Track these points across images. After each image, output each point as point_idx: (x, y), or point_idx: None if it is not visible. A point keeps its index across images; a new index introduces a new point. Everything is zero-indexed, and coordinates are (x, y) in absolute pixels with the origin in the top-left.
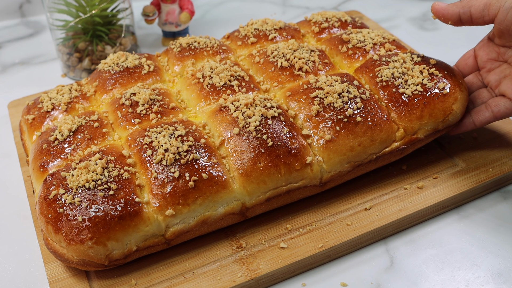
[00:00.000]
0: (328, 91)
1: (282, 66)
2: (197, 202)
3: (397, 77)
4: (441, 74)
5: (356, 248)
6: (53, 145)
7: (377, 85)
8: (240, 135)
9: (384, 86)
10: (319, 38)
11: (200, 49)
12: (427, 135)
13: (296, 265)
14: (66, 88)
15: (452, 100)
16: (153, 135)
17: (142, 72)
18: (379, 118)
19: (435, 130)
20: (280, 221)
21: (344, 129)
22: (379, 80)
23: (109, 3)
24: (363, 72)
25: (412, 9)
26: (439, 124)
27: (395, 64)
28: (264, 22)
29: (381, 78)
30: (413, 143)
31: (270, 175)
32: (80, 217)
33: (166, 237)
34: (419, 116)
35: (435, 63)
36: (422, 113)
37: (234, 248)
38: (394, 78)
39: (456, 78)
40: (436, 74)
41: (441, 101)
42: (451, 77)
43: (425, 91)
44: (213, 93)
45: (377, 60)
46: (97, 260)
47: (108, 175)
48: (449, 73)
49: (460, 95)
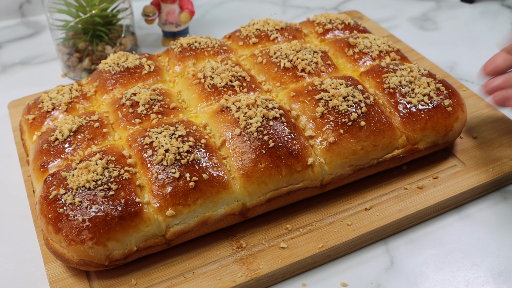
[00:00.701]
0: (333, 93)
1: (285, 66)
2: (197, 203)
3: (404, 86)
4: (447, 91)
5: (356, 248)
6: (53, 145)
7: (384, 91)
8: (241, 136)
9: (391, 93)
10: (323, 39)
11: (201, 49)
12: (427, 147)
13: (296, 265)
14: (67, 88)
15: (454, 118)
16: (154, 135)
17: (143, 72)
18: (382, 123)
19: (434, 144)
20: (280, 221)
21: (348, 132)
22: (386, 86)
23: (109, 3)
24: (369, 76)
25: (412, 9)
26: (440, 138)
27: (403, 72)
28: (266, 22)
29: (388, 85)
30: (413, 152)
31: (271, 176)
32: (80, 217)
33: (166, 237)
34: (422, 127)
35: (441, 80)
36: (426, 125)
37: (234, 248)
38: (401, 86)
39: (459, 98)
40: (442, 90)
41: (444, 117)
42: (455, 96)
43: (431, 104)
44: (214, 94)
45: (385, 67)
46: (98, 260)
47: (108, 175)
48: (453, 91)
49: (461, 115)
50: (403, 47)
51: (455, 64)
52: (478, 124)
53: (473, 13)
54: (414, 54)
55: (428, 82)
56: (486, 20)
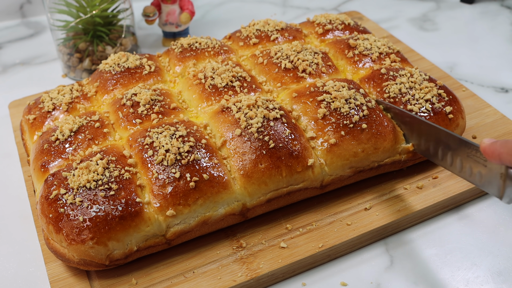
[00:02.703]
0: (335, 96)
1: (285, 67)
2: (197, 203)
3: (405, 93)
4: (447, 98)
5: (356, 248)
6: (54, 145)
7: (385, 100)
8: (242, 136)
9: (392, 102)
10: (323, 39)
11: (202, 49)
12: None
13: (296, 265)
14: (67, 88)
15: (454, 125)
16: (154, 136)
17: (143, 72)
18: (384, 127)
19: None
20: (280, 221)
21: (349, 134)
22: (387, 96)
23: (109, 3)
24: (369, 85)
25: (412, 10)
26: None
27: (402, 79)
28: (266, 23)
29: (388, 94)
30: (415, 159)
31: (271, 177)
32: (81, 217)
33: (166, 237)
34: None
35: (442, 85)
36: None
37: (235, 248)
38: (401, 94)
39: (459, 105)
40: (443, 97)
41: (446, 124)
42: (456, 102)
43: (432, 111)
44: (214, 94)
45: (385, 74)
46: (98, 260)
47: (109, 175)
48: (454, 98)
49: (461, 122)
50: (403, 48)
51: (455, 65)
52: (477, 124)
53: (472, 14)
54: (413, 55)
55: (429, 87)
56: (485, 20)
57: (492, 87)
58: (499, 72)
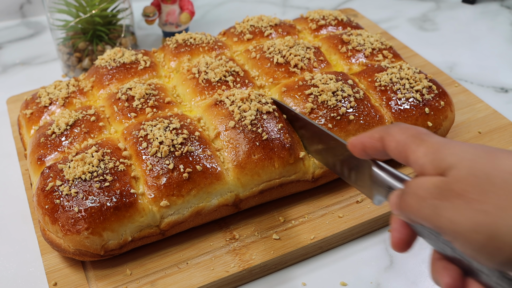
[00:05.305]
0: (322, 88)
1: (278, 62)
2: (191, 194)
3: (395, 82)
4: (437, 90)
5: (347, 240)
6: (50, 139)
7: (376, 89)
8: (235, 128)
9: (383, 90)
10: (316, 35)
11: (196, 45)
12: None
13: (288, 256)
14: (64, 84)
15: (443, 117)
16: (148, 128)
17: (139, 67)
18: (372, 117)
19: None
20: (273, 213)
21: (337, 126)
22: (378, 84)
23: (109, 3)
24: (361, 77)
25: (412, 10)
26: None
27: (393, 70)
28: (260, 19)
29: (379, 83)
30: None
31: (264, 168)
32: (76, 208)
33: (160, 227)
34: (413, 124)
35: (432, 79)
36: (417, 122)
37: (228, 240)
38: (392, 83)
39: (448, 98)
40: (433, 89)
41: (434, 115)
42: (445, 95)
43: (422, 101)
44: (208, 88)
45: (377, 68)
46: (93, 250)
47: (104, 167)
48: (443, 91)
49: (450, 114)
50: (397, 44)
51: (455, 65)
52: (468, 119)
53: (472, 14)
54: (407, 51)
55: (419, 78)
56: (485, 20)
57: (492, 87)
58: (499, 72)
